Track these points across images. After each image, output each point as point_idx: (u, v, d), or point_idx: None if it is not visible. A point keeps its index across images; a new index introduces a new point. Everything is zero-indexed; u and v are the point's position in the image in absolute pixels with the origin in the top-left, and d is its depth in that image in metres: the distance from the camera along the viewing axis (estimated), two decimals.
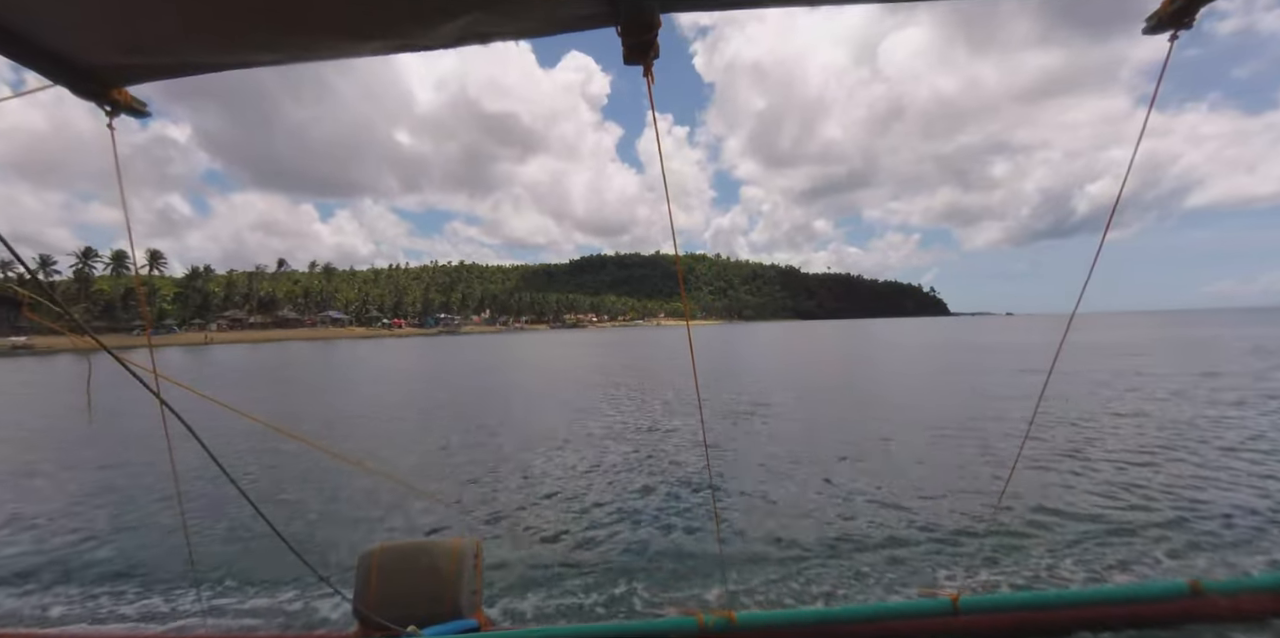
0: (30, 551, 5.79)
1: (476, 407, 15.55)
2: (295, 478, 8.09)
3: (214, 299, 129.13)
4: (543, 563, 4.97)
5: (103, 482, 8.30)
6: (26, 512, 7.11)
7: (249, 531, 5.94)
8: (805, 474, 7.47)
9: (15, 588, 4.91)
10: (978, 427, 10.22)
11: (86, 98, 1.56)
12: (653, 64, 1.47)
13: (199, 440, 2.22)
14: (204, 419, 2.13)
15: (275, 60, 1.51)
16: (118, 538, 6.01)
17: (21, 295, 1.79)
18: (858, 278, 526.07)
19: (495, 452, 9.59)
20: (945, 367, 23.35)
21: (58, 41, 1.37)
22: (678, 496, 6.82)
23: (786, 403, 14.23)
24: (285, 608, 4.29)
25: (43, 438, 12.60)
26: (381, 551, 3.33)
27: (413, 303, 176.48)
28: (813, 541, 5.24)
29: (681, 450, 9.19)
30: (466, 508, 6.61)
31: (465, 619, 3.17)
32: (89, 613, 4.38)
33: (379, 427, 12.78)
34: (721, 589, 4.31)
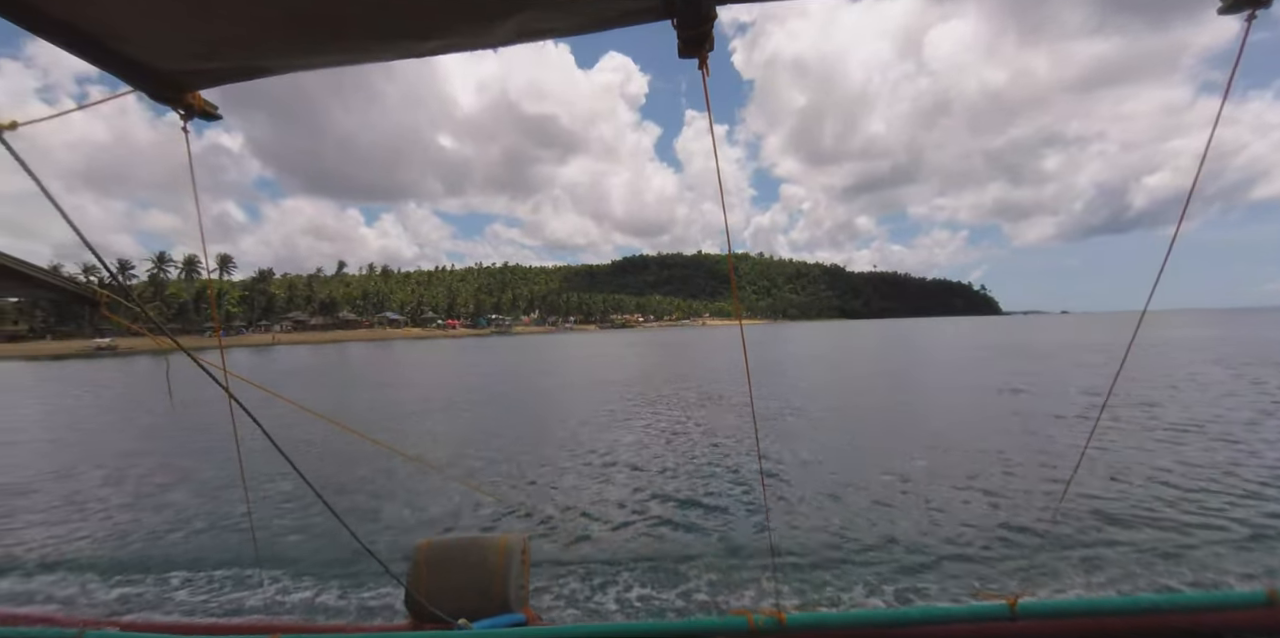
0: (110, 538, 6.06)
1: (530, 405, 15.72)
2: (353, 471, 8.33)
3: (277, 302, 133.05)
4: (590, 559, 4.98)
5: (178, 473, 8.63)
6: (110, 501, 7.39)
7: (307, 521, 6.14)
8: (858, 476, 7.28)
9: (92, 574, 5.10)
10: (1038, 429, 9.76)
11: (163, 102, 1.59)
12: (708, 57, 1.46)
13: (266, 434, 2.17)
14: (272, 416, 2.02)
15: (340, 61, 1.53)
16: (190, 526, 6.28)
17: (100, 295, 1.78)
18: (905, 276, 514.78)
19: (546, 450, 9.61)
20: (1001, 367, 22.73)
21: (138, 49, 1.42)
22: (728, 495, 6.72)
23: (838, 403, 14.00)
24: (340, 598, 4.41)
25: (124, 433, 13.01)
26: (432, 545, 3.07)
27: (464, 304, 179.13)
28: (865, 542, 5.12)
29: (732, 450, 9.01)
30: (515, 504, 6.68)
31: (514, 613, 2.91)
32: (161, 599, 4.56)
33: (436, 424, 12.96)
34: (771, 589, 4.26)
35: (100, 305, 1.81)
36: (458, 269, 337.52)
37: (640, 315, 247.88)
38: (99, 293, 1.81)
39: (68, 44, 1.35)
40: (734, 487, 7.07)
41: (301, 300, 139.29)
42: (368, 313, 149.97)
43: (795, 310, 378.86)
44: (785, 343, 51.49)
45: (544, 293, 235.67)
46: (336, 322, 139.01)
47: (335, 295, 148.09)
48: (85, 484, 8.39)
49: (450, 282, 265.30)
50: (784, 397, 15.13)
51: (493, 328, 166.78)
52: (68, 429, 14.21)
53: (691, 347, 50.81)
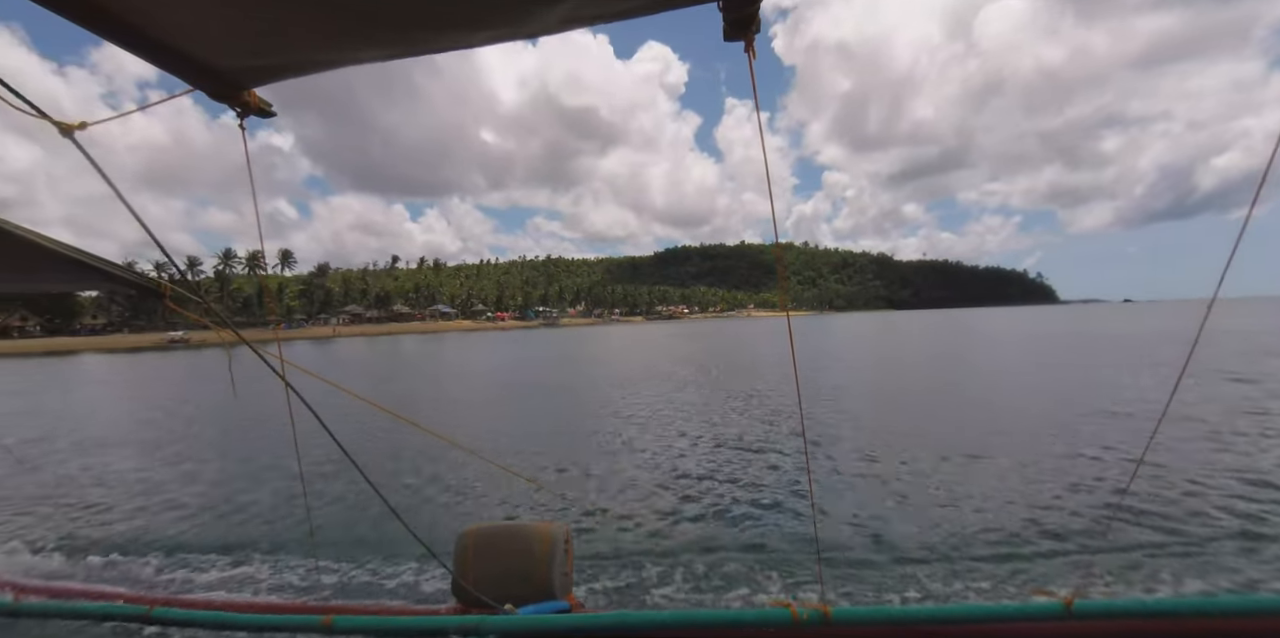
0: (175, 521, 6.31)
1: (576, 395, 15.90)
2: (403, 457, 8.60)
3: (334, 295, 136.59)
4: (632, 549, 4.96)
5: (239, 460, 9.11)
6: (175, 486, 7.75)
7: (359, 506, 6.36)
8: (908, 469, 7.13)
9: (158, 555, 5.30)
10: (1098, 422, 9.41)
11: (221, 100, 1.64)
12: (754, 39, 1.45)
13: (320, 421, 2.41)
14: (328, 404, 2.50)
15: (393, 54, 1.55)
16: (249, 511, 6.50)
17: (165, 288, 1.91)
18: (956, 264, 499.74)
19: (591, 438, 9.72)
20: (1059, 359, 21.08)
21: (199, 49, 1.47)
22: (772, 486, 6.63)
23: (888, 395, 13.78)
24: (389, 582, 4.52)
25: (189, 421, 13.64)
26: (478, 531, 3.49)
27: (512, 297, 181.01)
28: (913, 537, 4.99)
29: (777, 441, 8.93)
30: (558, 492, 6.72)
31: (557, 601, 3.31)
32: (222, 579, 4.73)
33: (484, 413, 13.45)
34: (816, 583, 4.21)
35: (166, 298, 1.92)
36: (502, 262, 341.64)
37: (685, 307, 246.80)
38: (164, 286, 1.91)
39: (133, 46, 1.39)
40: (779, 478, 6.98)
41: (357, 294, 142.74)
42: (420, 306, 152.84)
43: (842, 301, 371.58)
44: (832, 334, 50.18)
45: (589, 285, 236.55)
46: (391, 315, 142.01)
47: (389, 289, 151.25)
48: (153, 470, 8.81)
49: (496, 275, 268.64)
50: (831, 388, 14.86)
51: (541, 320, 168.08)
52: (139, 418, 15.01)
53: (737, 338, 49.68)
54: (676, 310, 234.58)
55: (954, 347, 30.78)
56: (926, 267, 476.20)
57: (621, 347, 42.57)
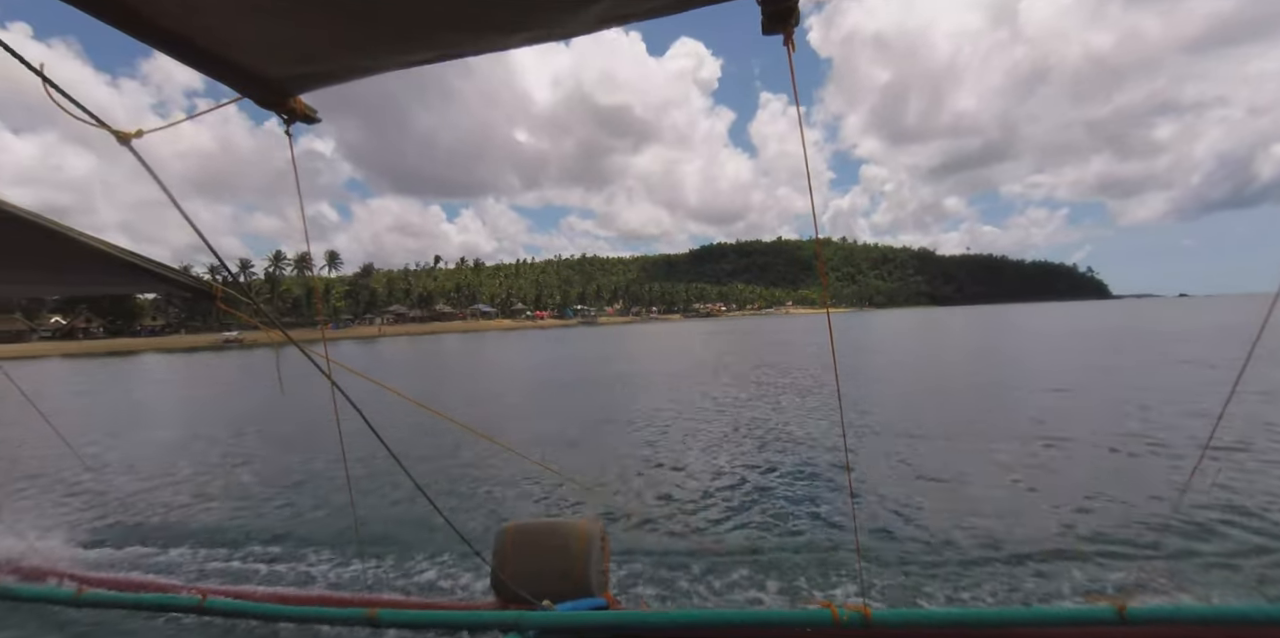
0: (226, 514, 6.47)
1: (613, 392, 15.84)
2: (444, 454, 8.71)
3: (379, 296, 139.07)
4: (668, 547, 4.94)
5: (287, 456, 9.26)
6: (227, 480, 7.96)
7: (402, 502, 6.43)
8: (952, 469, 6.93)
9: (211, 547, 5.43)
10: (1155, 422, 9.05)
11: (268, 107, 1.68)
12: (793, 32, 1.44)
13: (364, 418, 2.49)
14: (372, 402, 2.50)
15: (433, 58, 1.58)
16: (297, 505, 6.64)
17: (216, 289, 1.97)
18: (1001, 259, 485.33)
19: (627, 436, 9.73)
20: (1109, 356, 20.08)
21: (247, 58, 1.51)
22: (811, 485, 6.55)
23: (932, 392, 13.53)
24: (430, 576, 4.54)
25: (242, 418, 14.00)
26: (515, 528, 3.55)
27: (550, 295, 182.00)
28: (957, 538, 4.85)
29: (817, 440, 8.80)
30: (594, 489, 6.72)
31: (594, 597, 3.34)
32: (271, 572, 4.81)
33: (526, 410, 13.64)
34: (856, 584, 4.07)
35: (216, 299, 1.99)
36: (538, 262, 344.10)
37: (722, 304, 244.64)
38: (216, 288, 1.98)
39: (185, 57, 1.44)
40: (818, 477, 6.87)
41: (400, 294, 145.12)
42: (461, 305, 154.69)
43: (882, 297, 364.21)
44: (873, 331, 49.15)
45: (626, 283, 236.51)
46: (433, 314, 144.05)
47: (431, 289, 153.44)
48: (205, 465, 9.04)
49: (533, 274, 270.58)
50: (872, 385, 14.65)
51: (579, 319, 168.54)
52: (193, 415, 15.63)
53: (776, 335, 48.77)
54: (713, 308, 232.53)
55: (1000, 343, 29.87)
56: (970, 261, 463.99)
57: (659, 344, 42.06)
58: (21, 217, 1.44)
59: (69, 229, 1.58)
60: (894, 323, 69.40)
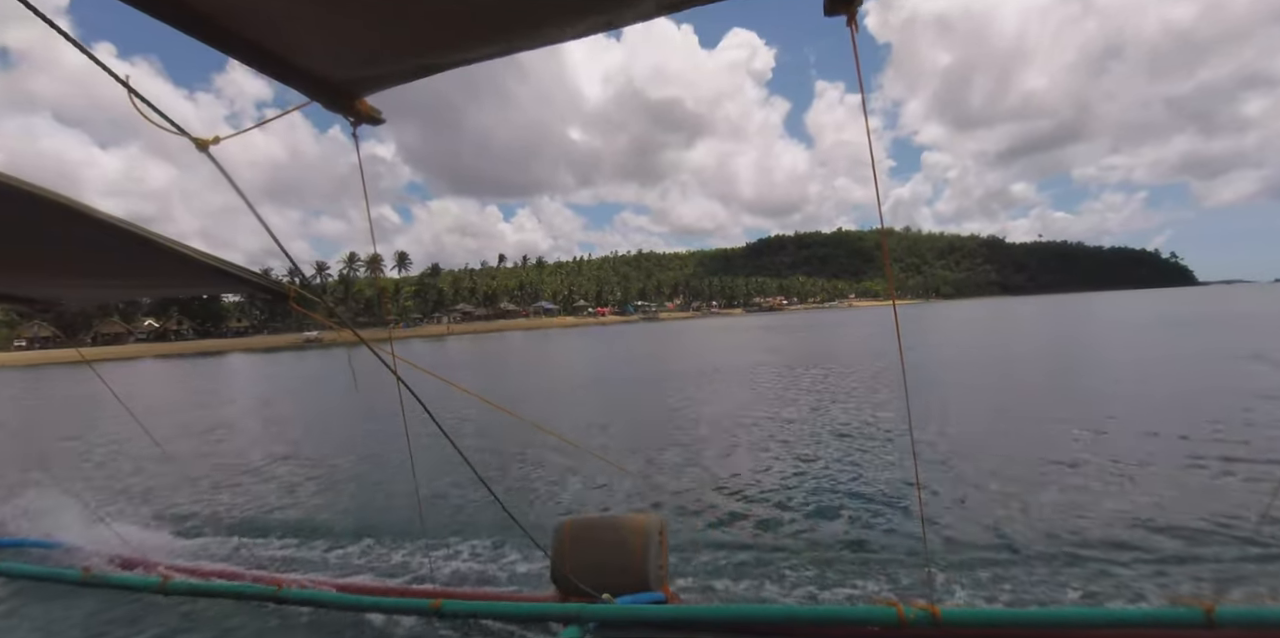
0: (300, 507, 6.67)
1: (675, 387, 15.75)
2: (506, 448, 8.80)
3: (446, 295, 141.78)
4: (728, 542, 4.89)
5: (357, 450, 9.54)
6: (302, 475, 8.16)
7: (465, 496, 6.56)
8: (1027, 466, 6.68)
9: (286, 538, 5.62)
10: (1246, 418, 8.49)
11: (335, 110, 1.72)
12: (856, 12, 1.43)
13: (429, 414, 2.59)
14: (438, 399, 2.75)
15: (495, 53, 1.59)
16: (366, 499, 6.84)
17: (289, 290, 2.04)
18: (1076, 245, 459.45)
19: (687, 431, 9.65)
20: (1198, 346, 19.19)
21: (314, 62, 1.55)
22: (876, 481, 6.41)
23: (1006, 386, 13.12)
24: (490, 568, 4.61)
25: (316, 414, 14.82)
26: (574, 522, 3.59)
27: (611, 292, 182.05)
28: (1030, 537, 4.69)
29: (882, 435, 8.60)
30: (653, 484, 6.69)
31: (654, 592, 3.36)
32: (342, 562, 4.96)
33: (588, 406, 13.65)
34: (924, 582, 4.00)
35: (289, 299, 2.06)
36: (595, 259, 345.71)
37: (783, 298, 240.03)
38: (289, 289, 2.06)
39: (257, 63, 1.48)
40: (883, 472, 6.74)
41: (466, 293, 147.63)
42: (524, 303, 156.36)
43: (949, 288, 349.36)
44: (941, 322, 47.87)
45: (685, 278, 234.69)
46: (498, 312, 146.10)
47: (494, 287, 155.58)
48: (280, 459, 9.34)
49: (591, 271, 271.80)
50: (942, 379, 14.25)
51: (640, 315, 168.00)
52: (270, 411, 16.41)
53: (840, 328, 47.20)
54: (774, 302, 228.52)
55: (1076, 333, 28.55)
56: (1042, 249, 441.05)
57: (721, 340, 40.93)
58: (115, 225, 1.51)
59: (156, 235, 1.64)
60: (963, 314, 67.35)
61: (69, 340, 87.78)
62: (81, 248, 1.95)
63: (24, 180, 1.27)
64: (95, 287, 3.08)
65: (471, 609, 3.44)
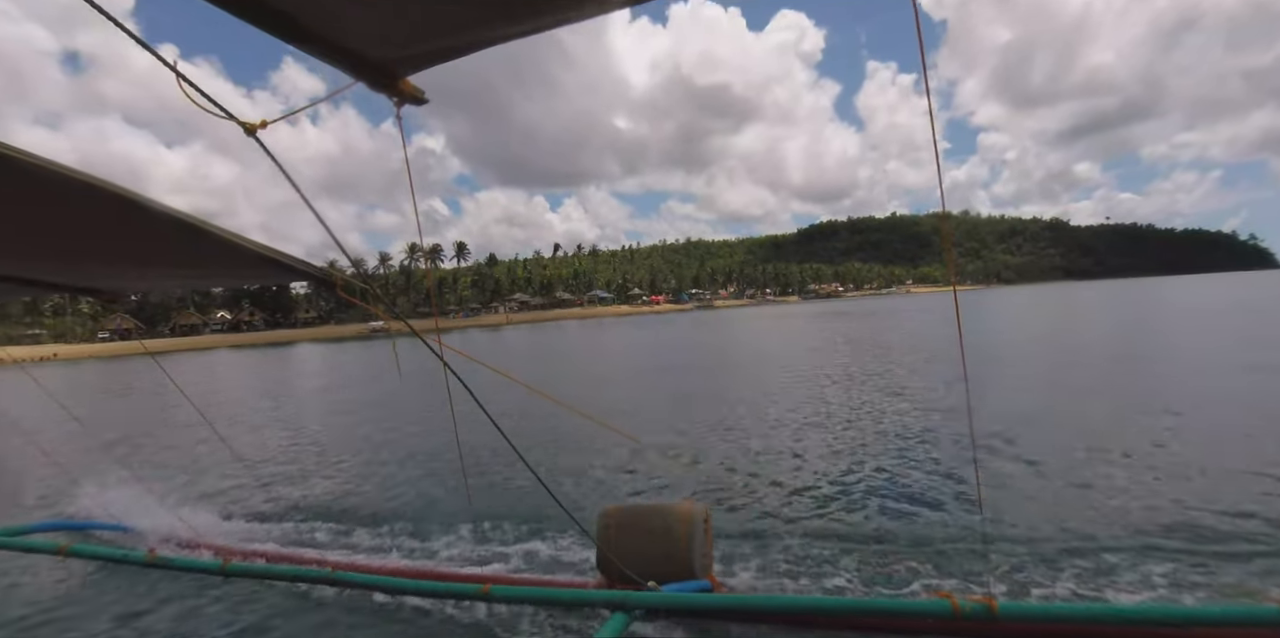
0: (352, 492, 6.88)
1: (728, 375, 15.64)
2: (552, 435, 8.90)
3: (502, 285, 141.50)
4: (774, 531, 4.85)
5: (409, 437, 9.81)
6: (351, 460, 8.55)
7: (512, 482, 6.60)
8: (1090, 457, 6.37)
9: (338, 523, 5.75)
10: None
11: (379, 90, 1.72)
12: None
13: (477, 402, 2.61)
14: (491, 389, 2.83)
15: (538, 27, 1.57)
16: (416, 485, 6.94)
17: (337, 279, 2.07)
18: (1147, 228, 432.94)
19: (742, 420, 9.46)
20: None
21: (357, 41, 1.55)
22: (932, 472, 6.20)
23: (1073, 375, 12.34)
24: (536, 554, 4.63)
25: (372, 402, 15.09)
26: (619, 510, 3.60)
27: (665, 279, 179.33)
28: (1096, 530, 4.51)
29: (940, 425, 8.23)
30: (699, 472, 6.66)
31: (699, 580, 3.34)
32: (392, 546, 5.03)
33: (639, 395, 13.52)
34: (981, 576, 3.89)
35: (338, 288, 2.09)
36: (644, 247, 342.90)
37: (838, 284, 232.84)
38: (336, 277, 2.08)
39: (300, 41, 1.48)
40: (940, 463, 6.47)
41: (522, 282, 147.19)
42: (579, 292, 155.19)
43: (1011, 273, 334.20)
44: (1006, 308, 45.77)
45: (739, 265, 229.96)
46: (553, 301, 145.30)
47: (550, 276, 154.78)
48: (334, 445, 9.62)
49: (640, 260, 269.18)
50: (1006, 367, 13.92)
51: (695, 303, 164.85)
52: (331, 398, 17.17)
53: (899, 315, 45.01)
54: (830, 288, 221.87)
55: (1150, 319, 26.77)
56: (1110, 231, 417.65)
57: (780, 328, 38.77)
58: (173, 216, 1.55)
59: (211, 225, 1.67)
60: (1028, 299, 64.59)
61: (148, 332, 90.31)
62: (143, 239, 2.03)
63: (89, 174, 1.30)
64: (156, 277, 3.19)
65: (519, 594, 3.42)
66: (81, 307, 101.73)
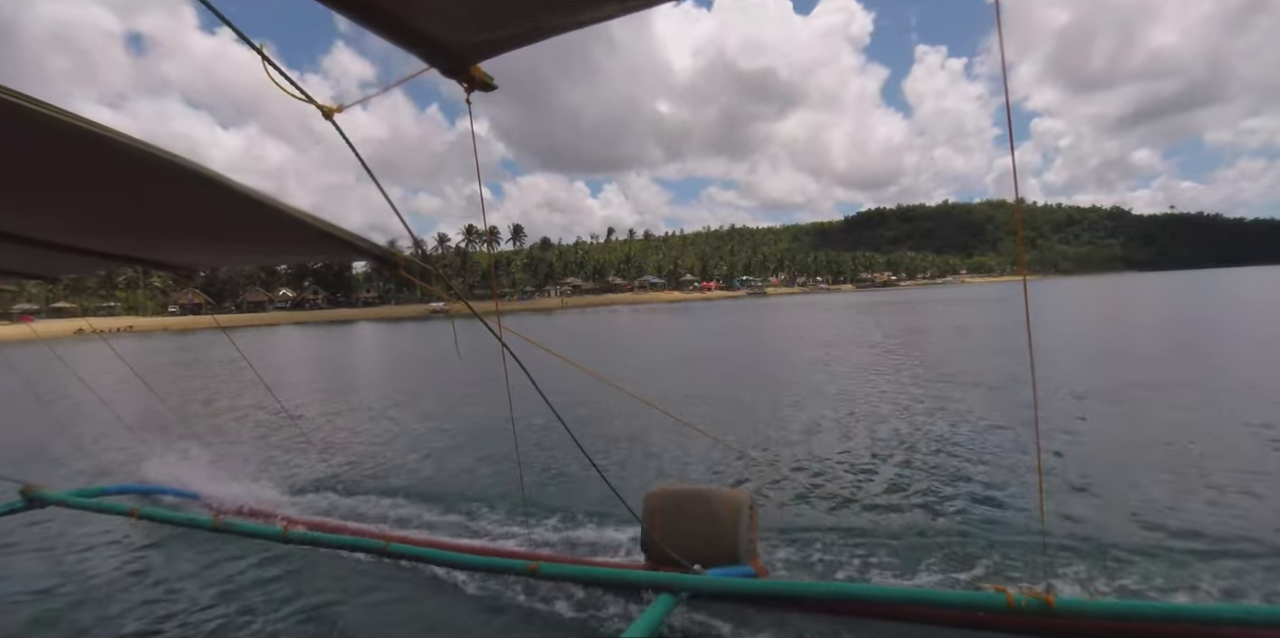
0: (407, 469, 6.94)
1: (783, 365, 15.37)
2: (604, 418, 9.03)
3: (555, 268, 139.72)
4: (819, 522, 4.74)
5: (466, 417, 9.95)
6: (408, 437, 8.63)
7: (562, 462, 6.66)
8: (1157, 454, 6.13)
9: (394, 498, 5.79)
10: None
11: (451, 76, 1.70)
12: None
13: (532, 381, 2.62)
14: (545, 373, 2.59)
15: (610, 14, 1.55)
16: (470, 460, 7.09)
17: (399, 258, 2.07)
18: (1214, 217, 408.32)
19: (795, 409, 9.29)
20: None
21: (433, 26, 1.54)
22: (988, 463, 6.04)
23: (1144, 370, 11.54)
24: (581, 533, 4.62)
25: (428, 382, 15.05)
26: (664, 492, 3.56)
27: (716, 265, 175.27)
28: (1160, 528, 4.35)
29: (1001, 414, 8.10)
30: (747, 459, 6.61)
31: (744, 566, 3.30)
32: (443, 522, 5.09)
33: (695, 381, 13.09)
34: (1038, 569, 3.79)
35: (399, 267, 2.08)
36: (689, 234, 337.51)
37: (890, 273, 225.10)
38: (398, 257, 2.08)
39: (379, 26, 1.49)
40: (997, 454, 6.31)
41: (574, 266, 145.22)
42: (630, 276, 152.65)
43: (1069, 263, 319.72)
44: (1071, 298, 44.67)
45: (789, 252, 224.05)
46: (605, 286, 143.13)
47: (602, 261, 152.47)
48: (392, 422, 9.82)
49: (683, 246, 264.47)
50: (1073, 359, 12.97)
51: (747, 290, 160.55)
52: (391, 376, 17.31)
53: (960, 305, 43.14)
54: (885, 277, 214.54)
55: (1224, 313, 24.86)
56: (1174, 221, 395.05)
57: (843, 319, 35.15)
58: (244, 192, 1.57)
59: (279, 202, 1.69)
60: (1091, 290, 62.81)
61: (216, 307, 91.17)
62: (218, 216, 2.06)
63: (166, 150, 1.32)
64: (227, 253, 3.22)
65: (568, 573, 3.42)
66: (153, 281, 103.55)
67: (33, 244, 2.49)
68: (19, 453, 8.60)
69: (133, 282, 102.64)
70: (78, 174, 1.64)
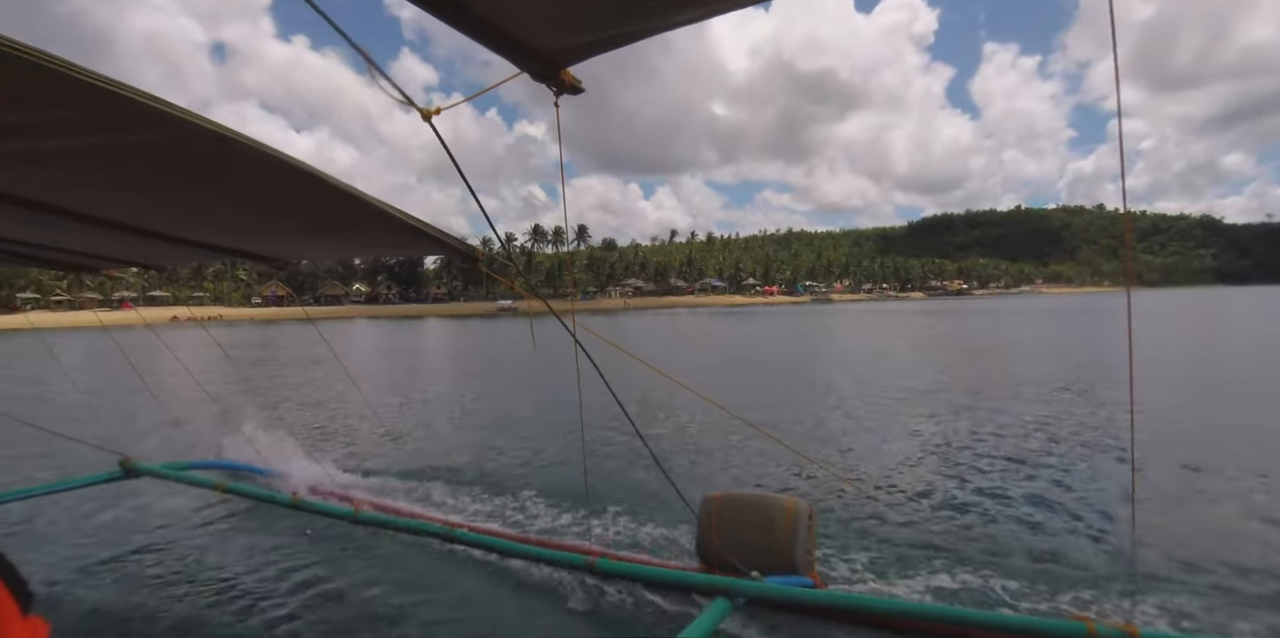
0: (475, 459, 7.02)
1: (852, 374, 14.40)
2: (671, 418, 9.07)
3: (617, 269, 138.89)
4: (884, 537, 4.56)
5: (535, 410, 10.22)
6: (485, 428, 8.88)
7: (625, 460, 6.66)
8: (1263, 486, 5.54)
9: (459, 486, 5.93)
10: None
11: (541, 80, 1.70)
12: None
13: (604, 380, 2.64)
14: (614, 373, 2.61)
15: (699, 16, 1.54)
16: (537, 457, 7.04)
17: (479, 253, 2.11)
18: None
19: (868, 419, 9.04)
20: None
21: (526, 33, 1.55)
22: (1072, 486, 5.69)
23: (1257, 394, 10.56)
24: (638, 532, 4.64)
25: (500, 378, 15.55)
26: (722, 498, 3.49)
27: (780, 270, 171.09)
28: (1264, 570, 3.94)
29: (1091, 435, 7.63)
30: (812, 468, 6.28)
31: (801, 576, 3.21)
32: (504, 512, 5.19)
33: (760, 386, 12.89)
34: (1124, 598, 3.60)
35: (478, 262, 2.13)
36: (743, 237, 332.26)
37: (961, 281, 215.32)
38: (479, 252, 2.12)
39: (476, 33, 1.51)
40: (1084, 476, 5.97)
41: (636, 267, 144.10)
42: (691, 279, 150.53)
43: (1154, 274, 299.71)
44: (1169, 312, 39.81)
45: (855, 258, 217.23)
46: (666, 288, 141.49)
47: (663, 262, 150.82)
48: (464, 414, 10.11)
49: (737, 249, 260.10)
50: (1176, 379, 12.00)
51: (811, 296, 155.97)
52: (462, 373, 17.22)
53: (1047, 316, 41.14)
54: (956, 285, 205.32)
55: None
56: (1273, 231, 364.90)
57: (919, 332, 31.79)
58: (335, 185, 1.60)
59: (370, 196, 1.72)
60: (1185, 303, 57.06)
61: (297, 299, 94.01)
62: (312, 208, 2.09)
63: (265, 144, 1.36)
64: (317, 245, 3.29)
65: (625, 571, 3.41)
66: (239, 273, 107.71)
67: (145, 235, 2.58)
68: (120, 427, 9.08)
69: (220, 273, 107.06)
70: (195, 170, 1.67)
